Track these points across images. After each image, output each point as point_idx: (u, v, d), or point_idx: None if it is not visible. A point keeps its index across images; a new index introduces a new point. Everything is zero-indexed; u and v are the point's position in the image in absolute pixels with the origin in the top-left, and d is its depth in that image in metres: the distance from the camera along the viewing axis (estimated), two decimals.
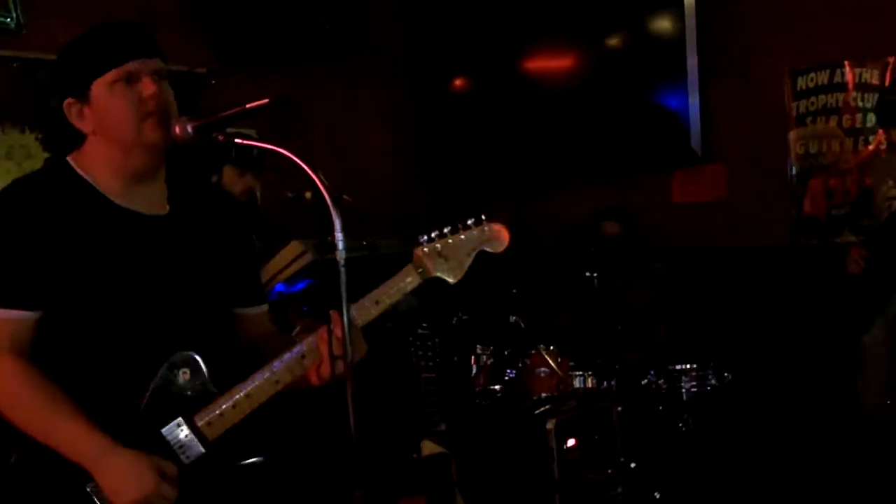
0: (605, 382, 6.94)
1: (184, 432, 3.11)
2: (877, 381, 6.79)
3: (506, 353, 6.77)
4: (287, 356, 3.17)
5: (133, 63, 3.09)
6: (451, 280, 3.22)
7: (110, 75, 3.08)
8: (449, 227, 3.22)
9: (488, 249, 3.24)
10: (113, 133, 3.13)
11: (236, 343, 3.41)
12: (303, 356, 3.17)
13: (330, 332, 3.04)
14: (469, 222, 3.23)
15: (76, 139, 3.19)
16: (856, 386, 6.98)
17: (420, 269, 3.20)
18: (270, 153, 3.03)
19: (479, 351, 6.81)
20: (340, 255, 2.91)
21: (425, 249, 3.20)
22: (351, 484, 2.97)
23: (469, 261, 3.22)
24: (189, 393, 3.14)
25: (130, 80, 3.09)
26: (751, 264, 8.19)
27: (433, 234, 3.21)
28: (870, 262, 6.69)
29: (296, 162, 2.95)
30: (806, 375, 7.79)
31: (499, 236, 3.23)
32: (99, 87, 3.09)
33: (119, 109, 3.09)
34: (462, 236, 3.21)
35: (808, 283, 7.91)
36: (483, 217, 3.24)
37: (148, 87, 3.09)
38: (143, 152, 3.15)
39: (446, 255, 3.20)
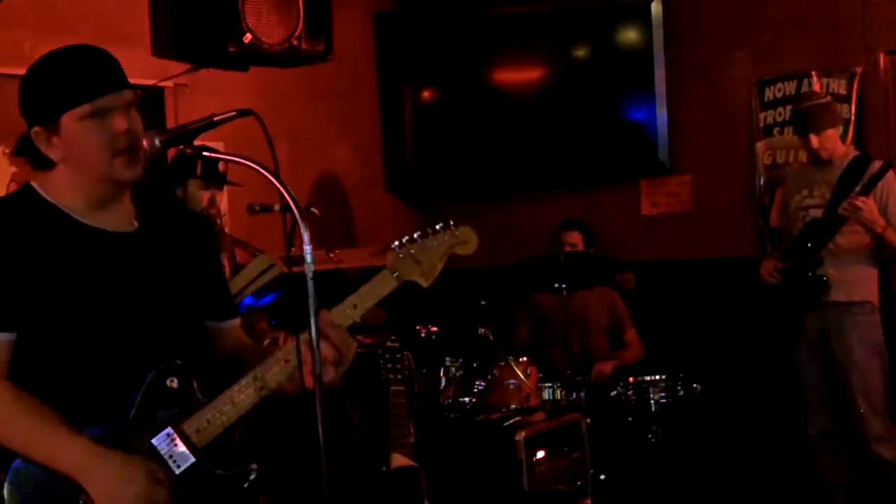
0: (574, 394, 6.95)
1: (175, 442, 3.08)
2: (812, 401, 6.85)
3: (475, 365, 6.76)
4: (270, 363, 3.15)
5: (106, 98, 3.05)
6: (424, 284, 3.26)
7: (82, 109, 3.03)
8: (419, 233, 3.26)
9: (459, 252, 3.30)
10: (83, 166, 3.10)
11: (215, 356, 3.40)
12: (286, 360, 3.15)
13: (316, 336, 3.02)
14: (438, 227, 3.29)
15: (44, 161, 3.14)
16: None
17: (396, 273, 3.23)
18: (237, 165, 3.02)
19: (448, 363, 6.80)
20: (308, 267, 2.91)
21: (400, 254, 3.23)
22: (320, 497, 2.96)
23: (441, 265, 3.28)
24: (177, 402, 3.12)
25: (102, 114, 3.05)
26: (718, 275, 8.20)
27: (405, 240, 3.25)
28: (786, 275, 6.73)
29: (264, 174, 2.94)
30: (774, 386, 7.81)
31: (468, 238, 3.31)
32: (70, 120, 3.05)
33: (90, 144, 3.05)
34: (434, 240, 3.26)
35: (760, 297, 7.93)
36: (451, 221, 3.29)
37: (120, 123, 3.05)
38: (113, 185, 3.14)
39: (420, 259, 3.24)
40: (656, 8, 8.25)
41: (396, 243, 3.24)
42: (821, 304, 6.63)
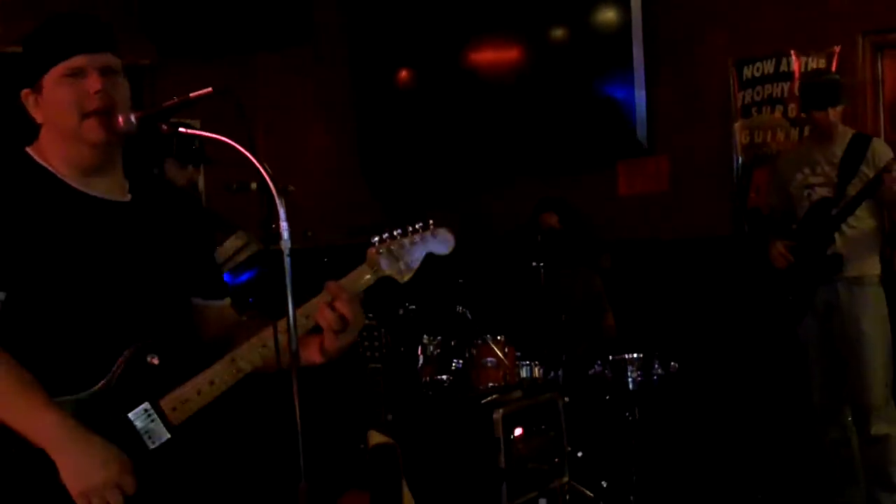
0: (551, 372, 6.97)
1: (151, 417, 3.11)
2: (817, 376, 6.88)
3: (452, 343, 6.78)
4: (247, 345, 3.18)
5: (80, 57, 3.11)
6: (400, 280, 3.30)
7: (59, 69, 3.10)
8: (399, 230, 3.29)
9: (436, 252, 3.33)
10: (57, 126, 3.15)
11: (203, 334, 3.44)
12: (263, 345, 3.17)
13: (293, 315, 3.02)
14: (418, 226, 3.30)
15: (33, 130, 3.21)
16: (797, 376, 7.06)
17: (374, 268, 3.26)
18: (214, 143, 3.02)
19: (425, 341, 6.81)
20: (285, 244, 2.92)
21: (380, 250, 3.26)
22: (296, 475, 2.97)
23: (418, 263, 3.31)
24: (157, 378, 3.14)
25: (78, 74, 3.10)
26: (696, 255, 8.23)
27: (384, 236, 3.27)
28: (797, 253, 6.76)
29: (241, 151, 2.95)
30: (750, 364, 7.84)
31: (446, 239, 3.33)
32: (48, 80, 3.12)
33: (62, 103, 3.11)
34: (413, 239, 3.28)
35: (753, 274, 7.96)
36: (431, 221, 3.31)
37: (93, 83, 3.10)
38: (87, 148, 3.15)
39: (398, 256, 3.27)
40: None
41: (376, 239, 3.26)
42: (833, 279, 6.67)
